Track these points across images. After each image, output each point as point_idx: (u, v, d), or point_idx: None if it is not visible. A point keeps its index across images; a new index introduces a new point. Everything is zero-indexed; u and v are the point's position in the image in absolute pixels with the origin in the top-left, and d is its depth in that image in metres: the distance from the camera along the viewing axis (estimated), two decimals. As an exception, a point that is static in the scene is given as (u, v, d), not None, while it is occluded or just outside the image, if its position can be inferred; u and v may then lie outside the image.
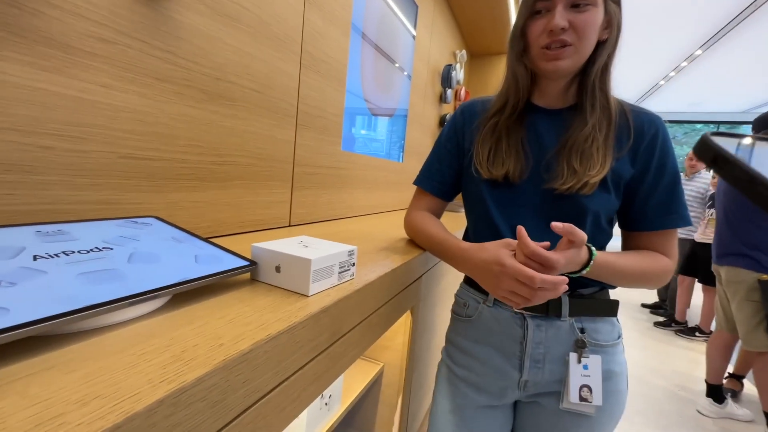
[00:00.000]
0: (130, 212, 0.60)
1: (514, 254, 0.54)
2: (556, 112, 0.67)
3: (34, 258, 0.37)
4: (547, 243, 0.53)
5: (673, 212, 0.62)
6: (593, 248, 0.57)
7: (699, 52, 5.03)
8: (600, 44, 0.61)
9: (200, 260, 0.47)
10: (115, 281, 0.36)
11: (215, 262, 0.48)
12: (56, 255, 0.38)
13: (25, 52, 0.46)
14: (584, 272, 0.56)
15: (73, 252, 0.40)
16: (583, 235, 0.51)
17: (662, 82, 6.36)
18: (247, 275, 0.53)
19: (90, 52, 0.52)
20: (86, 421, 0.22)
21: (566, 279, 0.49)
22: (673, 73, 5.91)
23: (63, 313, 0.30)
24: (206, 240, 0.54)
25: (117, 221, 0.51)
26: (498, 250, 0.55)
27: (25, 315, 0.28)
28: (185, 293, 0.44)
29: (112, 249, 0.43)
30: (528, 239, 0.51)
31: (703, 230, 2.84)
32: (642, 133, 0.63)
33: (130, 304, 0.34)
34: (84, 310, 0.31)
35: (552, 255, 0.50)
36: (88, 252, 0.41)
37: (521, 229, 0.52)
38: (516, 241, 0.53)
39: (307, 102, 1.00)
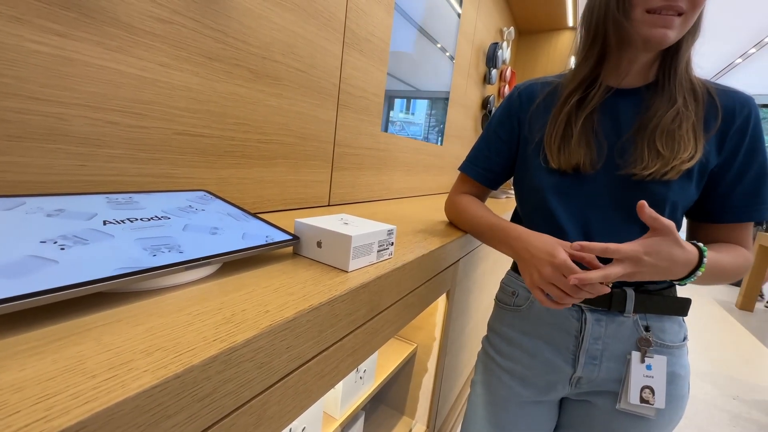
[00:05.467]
0: (184, 186, 0.64)
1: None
2: (633, 91, 0.61)
3: (104, 223, 0.40)
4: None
5: (762, 202, 0.56)
6: (704, 248, 0.50)
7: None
8: None
9: (247, 232, 0.49)
10: (173, 248, 0.39)
11: (261, 234, 0.50)
12: (122, 221, 0.42)
13: (94, 33, 0.49)
14: (698, 275, 0.49)
15: (137, 219, 0.43)
16: (670, 224, 0.46)
17: (739, 60, 5.65)
18: (290, 249, 0.55)
19: (149, 32, 0.54)
20: (151, 369, 0.24)
21: (602, 282, 0.47)
22: (753, 50, 5.23)
23: (130, 272, 0.33)
24: (253, 214, 0.56)
25: (173, 194, 0.55)
26: (555, 243, 0.53)
27: (96, 272, 0.31)
28: (234, 262, 0.47)
29: (169, 218, 0.46)
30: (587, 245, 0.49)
31: None
32: (733, 115, 0.56)
33: (186, 269, 0.37)
34: (147, 271, 0.34)
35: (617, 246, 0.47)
36: (149, 220, 0.44)
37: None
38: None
39: (349, 82, 1.00)
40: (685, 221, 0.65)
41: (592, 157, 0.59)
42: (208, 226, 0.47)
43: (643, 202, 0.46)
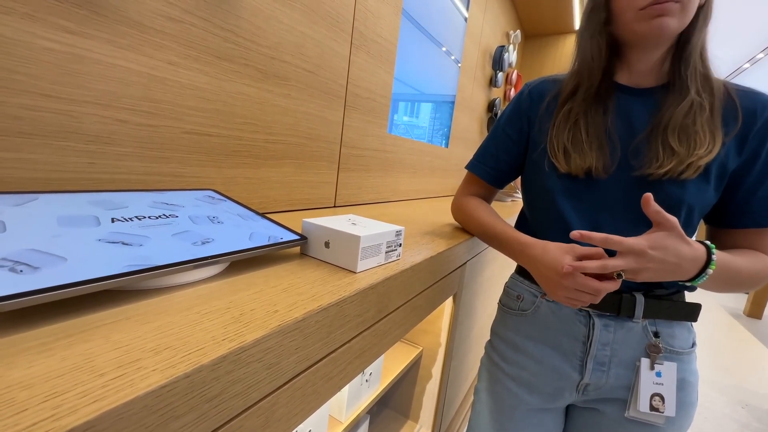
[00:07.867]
0: (192, 185, 0.64)
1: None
2: (647, 91, 0.59)
3: (112, 220, 0.40)
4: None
5: None
6: (711, 245, 0.48)
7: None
8: (699, 8, 0.53)
9: (255, 232, 0.48)
10: (181, 246, 0.39)
11: (269, 234, 0.49)
12: (130, 219, 0.42)
13: (106, 31, 0.49)
14: (709, 273, 0.47)
15: (144, 217, 0.43)
16: (673, 219, 0.45)
17: (747, 65, 5.60)
18: (297, 249, 0.55)
19: (160, 31, 0.55)
20: (160, 368, 0.24)
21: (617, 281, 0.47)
22: (761, 55, 5.18)
23: (138, 270, 0.32)
24: (261, 214, 0.56)
25: (181, 192, 0.55)
26: (561, 257, 0.51)
27: (105, 269, 0.31)
28: (241, 261, 0.46)
29: (177, 216, 0.46)
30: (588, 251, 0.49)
31: None
32: (754, 116, 0.54)
33: (194, 267, 0.37)
34: (156, 269, 0.33)
35: (617, 259, 0.46)
36: (157, 218, 0.44)
37: (579, 235, 0.47)
38: (582, 248, 0.50)
39: (356, 83, 1.00)
40: (704, 229, 0.63)
41: (605, 160, 0.58)
42: (214, 224, 0.47)
43: (649, 195, 0.45)
